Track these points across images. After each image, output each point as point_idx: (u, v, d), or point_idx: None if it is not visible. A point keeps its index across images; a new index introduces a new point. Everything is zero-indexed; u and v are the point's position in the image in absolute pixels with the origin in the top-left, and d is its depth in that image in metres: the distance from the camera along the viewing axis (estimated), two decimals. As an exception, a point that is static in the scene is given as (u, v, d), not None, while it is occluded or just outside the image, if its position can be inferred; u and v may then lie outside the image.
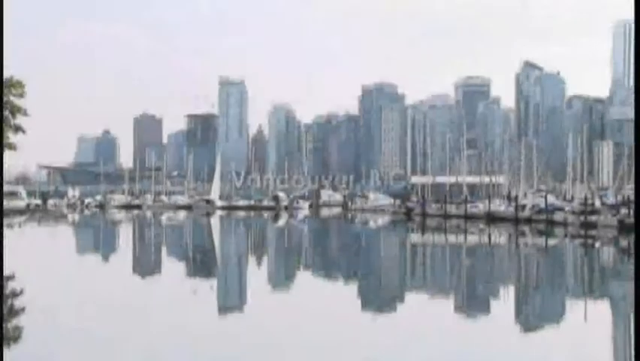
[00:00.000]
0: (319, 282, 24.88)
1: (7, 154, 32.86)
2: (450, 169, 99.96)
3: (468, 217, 72.04)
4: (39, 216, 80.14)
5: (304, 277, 26.29)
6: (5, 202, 74.74)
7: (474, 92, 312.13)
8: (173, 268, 29.42)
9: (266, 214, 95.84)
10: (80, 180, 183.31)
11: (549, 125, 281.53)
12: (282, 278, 26.28)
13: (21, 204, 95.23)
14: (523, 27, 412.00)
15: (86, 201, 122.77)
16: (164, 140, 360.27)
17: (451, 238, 49.95)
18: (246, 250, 40.55)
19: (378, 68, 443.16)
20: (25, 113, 33.33)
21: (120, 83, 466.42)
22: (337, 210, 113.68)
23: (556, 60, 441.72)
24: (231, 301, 20.50)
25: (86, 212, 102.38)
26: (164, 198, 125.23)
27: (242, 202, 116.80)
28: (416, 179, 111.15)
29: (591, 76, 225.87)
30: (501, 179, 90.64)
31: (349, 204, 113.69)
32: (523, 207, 67.82)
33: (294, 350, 13.28)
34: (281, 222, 79.03)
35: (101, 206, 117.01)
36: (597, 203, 62.43)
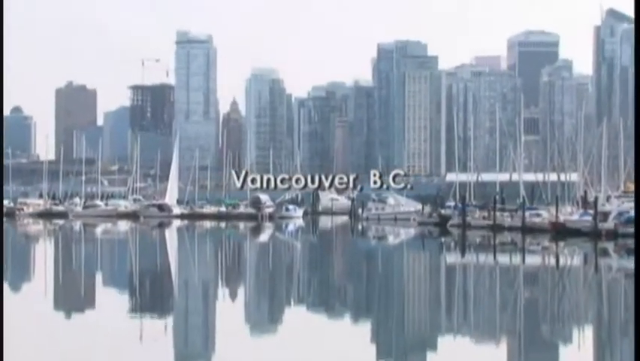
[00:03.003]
0: (317, 322, 24.91)
1: None
2: (501, 162, 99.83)
3: (527, 230, 72.13)
4: None
5: (296, 316, 26.32)
6: None
7: (535, 54, 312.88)
8: (111, 301, 29.44)
9: (243, 225, 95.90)
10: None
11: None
12: (264, 317, 26.33)
13: None
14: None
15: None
16: (100, 121, 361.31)
17: (503, 260, 49.87)
18: (215, 278, 40.54)
19: (400, 21, 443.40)
20: None
21: (37, 41, 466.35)
22: (343, 219, 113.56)
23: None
24: (193, 349, 20.45)
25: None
26: (99, 202, 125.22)
27: (209, 208, 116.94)
28: (453, 177, 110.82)
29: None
30: (574, 176, 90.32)
31: (360, 211, 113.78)
32: (606, 215, 67.77)
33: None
34: (264, 236, 78.89)
35: (10, 214, 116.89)
36: None
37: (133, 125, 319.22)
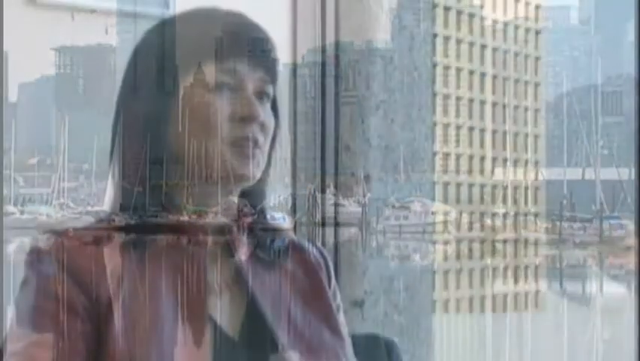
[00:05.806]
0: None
1: None
2: (570, 153, 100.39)
3: (606, 246, 72.62)
4: None
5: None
6: None
7: (619, 1, 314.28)
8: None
9: (210, 240, 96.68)
10: None
11: None
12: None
13: None
14: None
15: None
16: (12, 95, 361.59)
17: (572, 288, 50.05)
18: (173, 314, 40.75)
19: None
20: None
21: None
22: (350, 231, 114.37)
23: None
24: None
25: None
26: (11, 209, 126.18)
27: (165, 218, 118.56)
28: (503, 172, 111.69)
29: None
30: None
31: (374, 220, 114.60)
32: None
33: None
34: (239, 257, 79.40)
35: None
36: None
37: (59, 101, 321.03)
